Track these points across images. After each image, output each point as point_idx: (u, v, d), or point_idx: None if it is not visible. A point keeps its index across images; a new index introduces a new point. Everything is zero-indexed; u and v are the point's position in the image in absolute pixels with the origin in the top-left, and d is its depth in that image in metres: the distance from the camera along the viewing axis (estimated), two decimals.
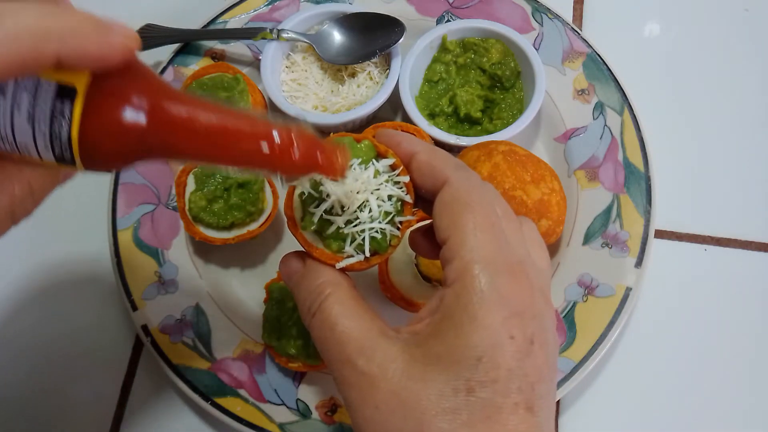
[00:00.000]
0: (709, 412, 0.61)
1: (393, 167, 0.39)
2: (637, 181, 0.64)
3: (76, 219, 0.72)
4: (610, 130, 0.66)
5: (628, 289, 0.59)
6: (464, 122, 0.69)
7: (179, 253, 0.66)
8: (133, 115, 0.30)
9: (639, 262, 0.60)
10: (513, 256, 0.34)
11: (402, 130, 0.64)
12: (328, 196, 0.38)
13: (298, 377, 0.61)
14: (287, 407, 0.59)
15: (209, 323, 0.63)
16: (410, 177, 0.38)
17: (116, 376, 0.66)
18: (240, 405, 0.59)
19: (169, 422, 0.64)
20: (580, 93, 0.68)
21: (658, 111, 0.71)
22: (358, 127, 0.71)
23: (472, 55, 0.69)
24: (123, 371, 0.66)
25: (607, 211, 0.63)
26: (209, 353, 0.62)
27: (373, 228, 0.37)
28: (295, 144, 0.32)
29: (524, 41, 0.67)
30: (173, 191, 0.68)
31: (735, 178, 0.69)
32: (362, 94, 0.69)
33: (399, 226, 0.38)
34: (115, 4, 0.83)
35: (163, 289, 0.64)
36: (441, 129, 0.66)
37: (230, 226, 0.63)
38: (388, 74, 0.69)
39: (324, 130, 0.70)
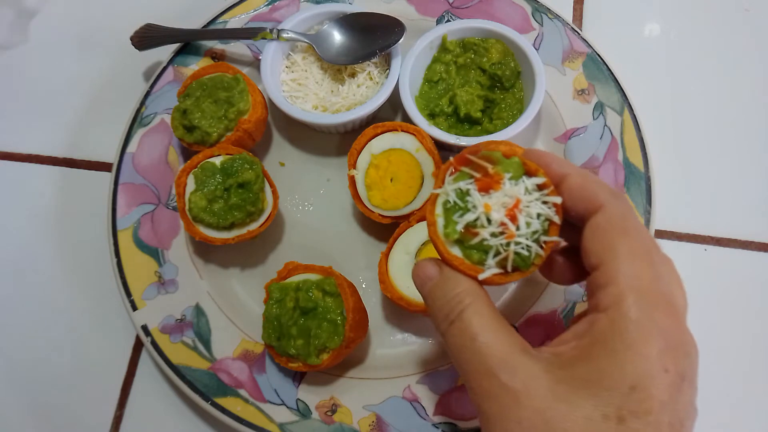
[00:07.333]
0: (709, 411, 0.60)
1: (541, 187, 0.38)
2: (637, 181, 0.63)
3: (76, 219, 0.72)
4: (610, 130, 0.66)
5: None
6: (464, 122, 0.68)
7: (179, 253, 0.66)
8: None
9: None
10: (666, 289, 0.34)
11: (402, 131, 0.64)
12: (474, 207, 0.38)
13: (298, 377, 0.61)
14: (287, 407, 0.59)
15: (209, 323, 0.63)
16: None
17: (116, 376, 0.66)
18: (240, 405, 0.59)
19: (169, 422, 0.64)
20: (580, 93, 0.68)
21: (658, 111, 0.71)
22: (358, 127, 0.71)
23: (472, 55, 0.69)
24: (123, 371, 0.66)
25: None
26: (209, 353, 0.62)
27: (520, 243, 0.37)
28: None
29: (524, 41, 0.67)
30: (173, 191, 0.68)
31: (735, 178, 0.69)
32: (362, 94, 0.69)
33: (543, 246, 0.38)
34: (116, 4, 0.83)
35: (163, 289, 0.64)
36: (441, 129, 0.66)
37: (230, 226, 0.63)
38: (388, 74, 0.69)
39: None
